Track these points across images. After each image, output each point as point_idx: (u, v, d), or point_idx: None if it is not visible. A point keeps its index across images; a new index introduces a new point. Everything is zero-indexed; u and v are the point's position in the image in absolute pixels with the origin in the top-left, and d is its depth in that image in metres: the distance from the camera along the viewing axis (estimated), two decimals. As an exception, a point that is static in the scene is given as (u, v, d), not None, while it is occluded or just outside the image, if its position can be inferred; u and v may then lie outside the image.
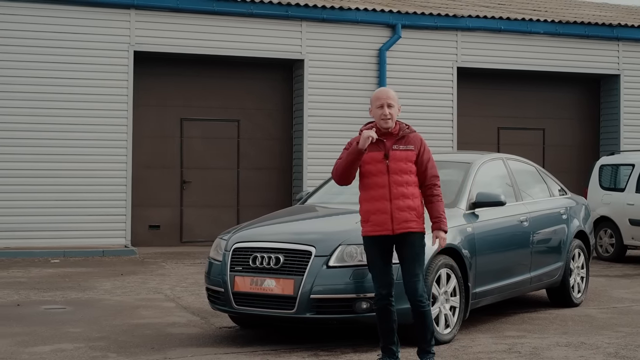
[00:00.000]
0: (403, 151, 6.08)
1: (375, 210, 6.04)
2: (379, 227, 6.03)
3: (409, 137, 6.15)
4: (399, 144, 6.10)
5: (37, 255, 13.46)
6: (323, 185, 8.83)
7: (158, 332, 7.62)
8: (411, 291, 6.03)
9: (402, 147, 6.09)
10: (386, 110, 6.11)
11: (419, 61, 16.52)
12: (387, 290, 6.10)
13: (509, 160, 9.01)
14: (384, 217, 6.01)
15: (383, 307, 6.11)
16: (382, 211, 6.01)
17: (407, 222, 6.01)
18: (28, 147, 14.13)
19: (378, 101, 6.16)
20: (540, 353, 6.76)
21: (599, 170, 14.47)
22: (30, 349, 6.90)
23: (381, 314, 6.13)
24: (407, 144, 6.12)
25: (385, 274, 6.11)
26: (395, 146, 6.09)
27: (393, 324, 6.13)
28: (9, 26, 14.13)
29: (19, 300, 9.25)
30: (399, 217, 6.00)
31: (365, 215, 6.12)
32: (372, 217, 6.06)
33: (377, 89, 6.36)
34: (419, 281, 6.05)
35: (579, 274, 9.35)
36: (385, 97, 6.14)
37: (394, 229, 6.01)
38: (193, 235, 15.74)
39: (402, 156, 6.07)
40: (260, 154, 16.27)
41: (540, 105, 18.31)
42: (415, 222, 6.04)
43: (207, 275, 7.38)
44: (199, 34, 15.14)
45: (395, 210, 5.99)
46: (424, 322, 6.07)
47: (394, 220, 5.99)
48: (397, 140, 6.11)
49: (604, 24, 17.75)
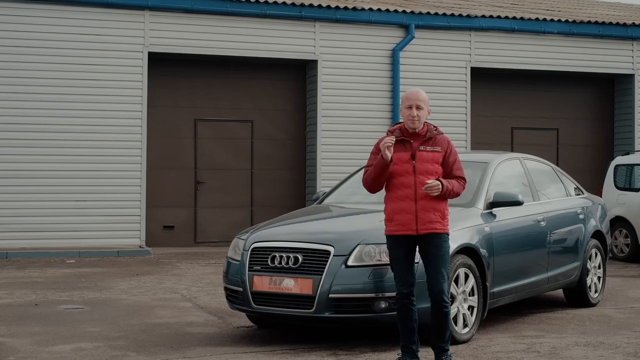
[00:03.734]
0: (430, 152, 6.12)
1: (400, 209, 6.08)
2: (403, 227, 6.07)
3: (436, 139, 6.18)
4: (426, 145, 6.14)
5: (52, 256, 13.52)
6: (340, 185, 8.84)
7: (176, 331, 7.64)
8: (436, 291, 6.04)
9: (429, 148, 6.13)
10: (414, 111, 6.11)
11: (433, 61, 16.50)
12: (408, 289, 6.11)
13: (525, 160, 9.00)
14: (409, 217, 6.05)
15: (404, 306, 6.12)
16: (406, 211, 6.05)
17: (432, 223, 6.04)
18: (43, 148, 14.19)
19: (407, 102, 6.15)
20: (560, 353, 6.74)
21: (614, 170, 14.42)
22: (51, 348, 6.93)
23: (402, 313, 6.14)
24: (434, 145, 6.16)
25: (408, 274, 6.13)
26: (422, 147, 6.12)
27: (414, 323, 6.15)
28: (23, 27, 14.19)
29: (36, 300, 9.29)
30: (423, 217, 6.03)
31: (389, 215, 6.15)
32: (397, 217, 6.09)
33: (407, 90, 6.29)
34: (445, 282, 6.07)
35: (595, 274, 9.33)
36: (415, 98, 6.12)
37: (418, 229, 6.04)
38: (207, 235, 15.77)
39: (429, 157, 6.11)
40: (274, 154, 16.29)
41: (554, 105, 18.26)
42: (439, 223, 6.07)
43: (226, 274, 7.40)
44: (213, 35, 15.17)
45: (421, 210, 6.03)
46: (444, 322, 6.10)
47: (419, 221, 6.03)
48: (424, 141, 6.15)
49: (618, 24, 17.70)
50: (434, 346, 6.18)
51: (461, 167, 6.27)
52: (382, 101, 16.17)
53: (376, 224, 7.24)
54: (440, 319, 6.09)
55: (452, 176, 6.19)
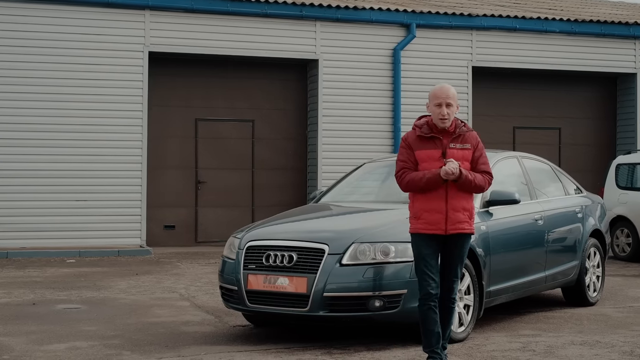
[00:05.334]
0: (460, 150, 5.97)
1: (429, 208, 5.90)
2: (432, 226, 5.90)
3: (465, 136, 6.03)
4: (456, 142, 5.98)
5: (52, 255, 13.52)
6: (337, 184, 8.82)
7: (172, 330, 7.63)
8: (448, 290, 6.02)
9: (459, 145, 5.98)
10: (444, 110, 5.92)
11: (434, 60, 16.47)
12: (435, 290, 5.93)
13: (523, 158, 8.97)
14: (438, 217, 5.89)
15: (430, 309, 5.92)
16: (437, 210, 5.89)
17: (461, 223, 5.93)
18: (43, 148, 14.21)
19: (437, 99, 5.95)
20: (555, 351, 6.72)
21: (616, 170, 14.37)
22: (46, 346, 6.93)
23: (427, 315, 5.93)
24: (464, 142, 6.01)
25: (434, 274, 5.94)
26: (452, 144, 5.96)
27: (438, 327, 5.96)
28: (23, 27, 14.20)
29: (34, 300, 9.29)
30: (453, 217, 5.90)
31: (417, 212, 5.96)
32: (425, 215, 5.91)
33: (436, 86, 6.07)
34: (458, 280, 6.08)
35: (594, 273, 9.29)
36: (444, 96, 5.92)
37: (447, 229, 5.89)
38: (208, 235, 15.76)
39: (459, 155, 5.95)
40: (275, 154, 16.28)
41: (556, 105, 18.21)
42: (467, 223, 5.97)
43: (221, 273, 7.39)
44: (213, 35, 15.17)
45: (451, 210, 5.89)
46: (448, 319, 6.08)
47: (448, 221, 5.89)
48: (454, 138, 5.98)
49: (620, 23, 17.64)
50: None
51: (487, 162, 6.09)
52: (383, 101, 16.15)
53: (371, 223, 7.26)
54: (445, 315, 6.04)
55: (478, 171, 6.01)
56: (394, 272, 6.68)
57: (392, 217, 7.23)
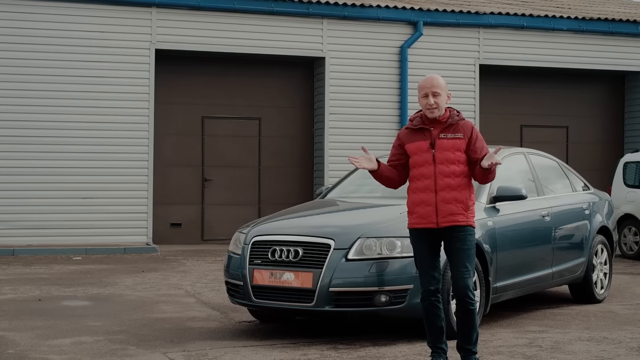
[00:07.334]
0: (450, 139, 5.73)
1: (419, 201, 5.73)
2: (423, 220, 5.72)
3: (457, 125, 5.79)
4: (447, 132, 5.76)
5: (59, 253, 13.53)
6: (343, 180, 8.81)
7: (178, 326, 7.62)
8: (461, 287, 5.65)
9: (449, 135, 5.75)
10: (431, 99, 5.75)
11: (441, 58, 16.42)
12: (435, 286, 5.77)
13: (530, 154, 8.93)
14: (428, 210, 5.69)
15: (431, 305, 5.78)
16: (426, 203, 5.70)
17: (453, 215, 5.66)
18: (50, 145, 14.21)
19: (422, 90, 5.81)
20: (562, 347, 6.68)
21: (623, 168, 14.31)
22: (51, 341, 6.92)
23: (429, 311, 5.80)
24: (456, 132, 5.76)
25: (433, 269, 5.78)
26: (442, 134, 5.75)
27: (442, 322, 5.81)
28: (30, 24, 14.22)
29: (40, 296, 9.29)
30: (444, 209, 5.66)
31: (410, 207, 5.82)
32: (417, 209, 5.75)
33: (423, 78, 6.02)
34: (470, 277, 5.69)
35: (601, 270, 9.24)
36: (429, 85, 5.78)
37: (439, 222, 5.67)
38: (214, 233, 15.75)
39: (449, 145, 5.72)
40: (282, 151, 16.26)
41: (564, 103, 18.15)
42: (462, 215, 5.68)
43: (227, 269, 7.38)
44: (220, 32, 15.16)
45: (441, 202, 5.66)
46: (470, 321, 5.69)
47: (439, 213, 5.67)
48: (445, 128, 5.77)
49: (628, 21, 17.57)
50: (460, 348, 5.77)
51: (486, 147, 5.87)
52: (390, 98, 16.12)
53: (377, 218, 7.24)
54: (466, 318, 5.68)
55: (480, 159, 5.74)
56: (400, 267, 6.66)
57: (397, 212, 7.17)
